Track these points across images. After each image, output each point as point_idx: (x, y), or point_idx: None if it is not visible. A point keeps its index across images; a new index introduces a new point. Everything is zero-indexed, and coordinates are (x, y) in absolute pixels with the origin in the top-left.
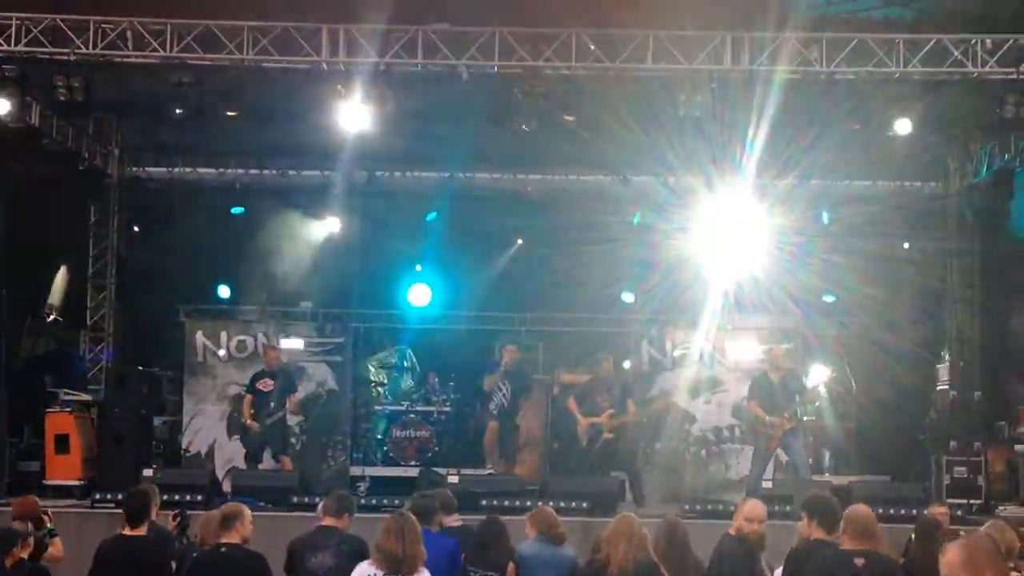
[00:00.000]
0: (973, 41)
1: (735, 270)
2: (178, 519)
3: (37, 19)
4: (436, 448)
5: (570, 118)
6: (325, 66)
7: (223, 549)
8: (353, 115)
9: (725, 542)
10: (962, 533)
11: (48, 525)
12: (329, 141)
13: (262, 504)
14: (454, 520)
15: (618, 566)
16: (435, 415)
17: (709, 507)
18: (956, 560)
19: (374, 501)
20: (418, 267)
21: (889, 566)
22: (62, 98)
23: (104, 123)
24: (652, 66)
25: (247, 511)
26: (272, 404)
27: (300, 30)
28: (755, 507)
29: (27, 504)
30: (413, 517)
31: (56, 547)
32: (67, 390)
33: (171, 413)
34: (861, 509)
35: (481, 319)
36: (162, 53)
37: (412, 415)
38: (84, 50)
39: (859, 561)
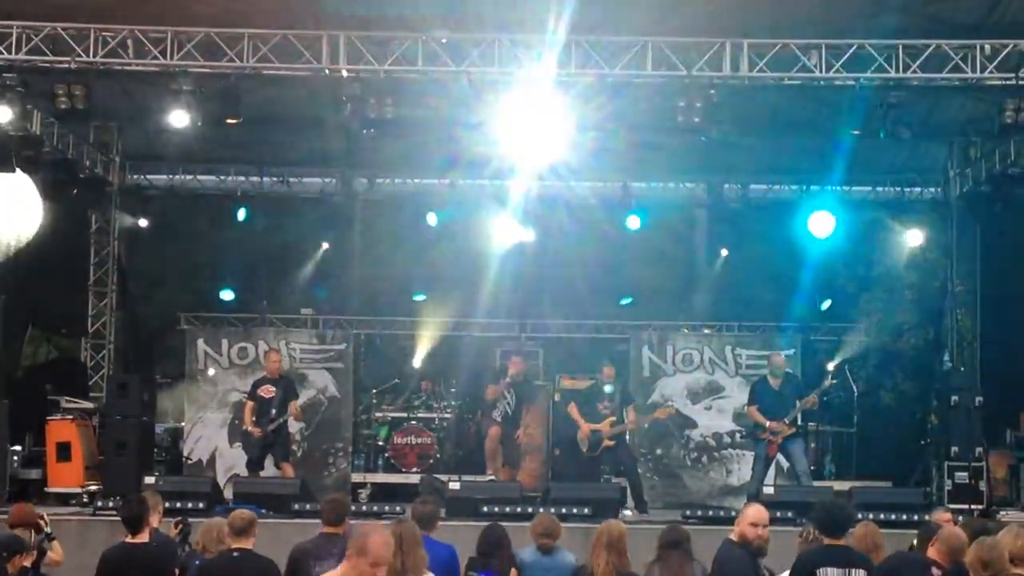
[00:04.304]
0: (972, 47)
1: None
2: (180, 526)
3: (38, 27)
4: (437, 455)
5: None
6: (326, 72)
7: (235, 554)
8: (355, 123)
9: (727, 548)
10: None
11: (46, 529)
12: (330, 148)
13: (264, 511)
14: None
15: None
16: (436, 422)
17: (710, 513)
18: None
19: (375, 508)
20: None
21: None
22: (63, 106)
23: (105, 131)
24: (651, 73)
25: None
26: (274, 411)
27: (300, 37)
28: (760, 512)
29: (23, 512)
30: (412, 523)
31: (55, 550)
32: (68, 398)
33: (172, 420)
34: (956, 530)
35: (482, 326)
36: (163, 61)
37: (413, 422)
38: (85, 58)
39: (936, 572)
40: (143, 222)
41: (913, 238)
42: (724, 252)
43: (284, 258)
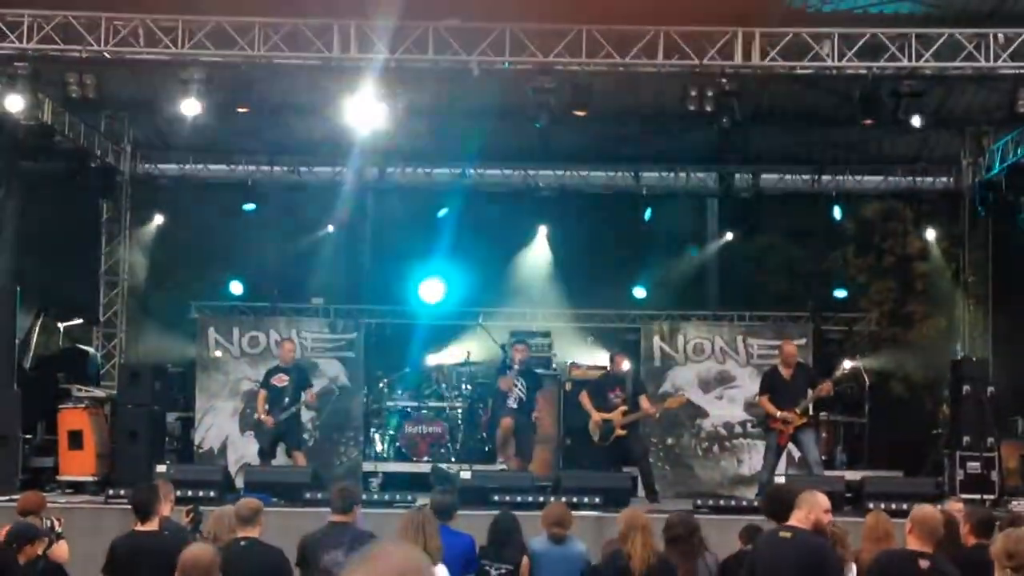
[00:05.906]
0: (986, 35)
1: None
2: (192, 515)
3: (49, 16)
4: (448, 444)
5: (581, 113)
6: (336, 62)
7: (243, 543)
8: (364, 111)
9: (818, 540)
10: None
11: (57, 529)
12: (340, 137)
13: (275, 500)
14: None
15: (641, 561)
16: (447, 411)
17: (721, 502)
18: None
19: (386, 497)
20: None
21: (954, 571)
22: (74, 95)
23: (116, 120)
24: (663, 62)
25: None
26: (287, 399)
27: (311, 26)
28: (825, 497)
29: (32, 500)
30: (430, 512)
31: (61, 548)
32: (80, 386)
33: (184, 409)
34: (928, 510)
35: (493, 315)
36: (173, 50)
37: (424, 411)
38: (96, 47)
39: (924, 563)
40: (154, 212)
41: (923, 227)
42: (729, 235)
43: (294, 247)
